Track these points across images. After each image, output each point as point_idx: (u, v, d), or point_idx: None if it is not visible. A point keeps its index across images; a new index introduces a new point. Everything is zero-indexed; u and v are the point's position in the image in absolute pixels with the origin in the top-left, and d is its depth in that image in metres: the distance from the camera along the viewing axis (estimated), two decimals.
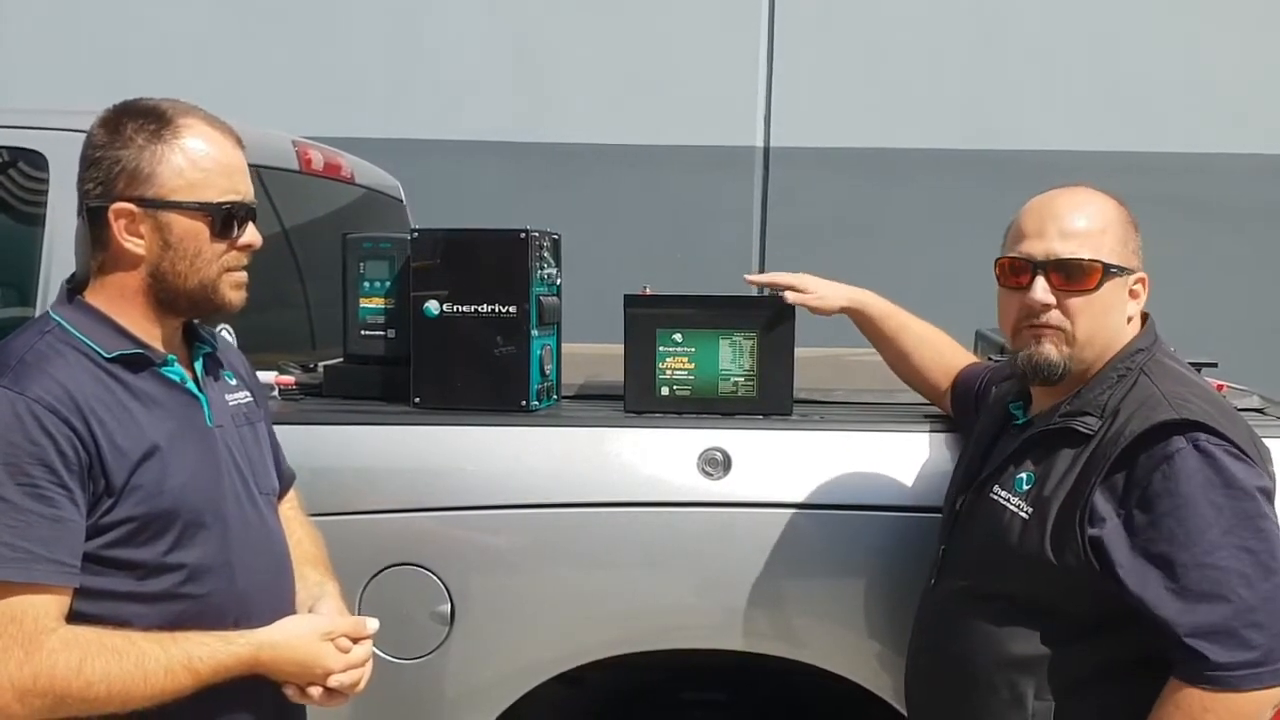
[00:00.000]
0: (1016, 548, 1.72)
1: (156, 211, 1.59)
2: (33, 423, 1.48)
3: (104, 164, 1.59)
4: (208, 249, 1.62)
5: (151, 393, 1.61)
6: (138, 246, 1.59)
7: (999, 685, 1.73)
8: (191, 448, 1.63)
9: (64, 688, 1.47)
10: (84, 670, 1.48)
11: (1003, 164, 5.55)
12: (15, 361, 1.51)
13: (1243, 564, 1.58)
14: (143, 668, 1.50)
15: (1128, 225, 1.77)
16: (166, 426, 1.60)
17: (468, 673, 2.16)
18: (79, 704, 1.49)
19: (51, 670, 1.47)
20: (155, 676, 1.51)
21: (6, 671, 1.45)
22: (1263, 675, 1.57)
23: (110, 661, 1.49)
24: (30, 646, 1.46)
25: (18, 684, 1.46)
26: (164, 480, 1.57)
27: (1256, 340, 5.42)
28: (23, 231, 2.31)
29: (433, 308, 2.31)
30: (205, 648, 1.55)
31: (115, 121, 1.61)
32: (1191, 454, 1.60)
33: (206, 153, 1.61)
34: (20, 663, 1.46)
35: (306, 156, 2.77)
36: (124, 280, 1.62)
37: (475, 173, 5.91)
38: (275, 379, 2.42)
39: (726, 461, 2.15)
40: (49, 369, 1.52)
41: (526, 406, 2.29)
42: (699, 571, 2.15)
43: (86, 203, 1.61)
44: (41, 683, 1.46)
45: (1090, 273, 1.72)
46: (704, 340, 2.30)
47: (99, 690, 1.48)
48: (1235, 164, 5.82)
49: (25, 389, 1.49)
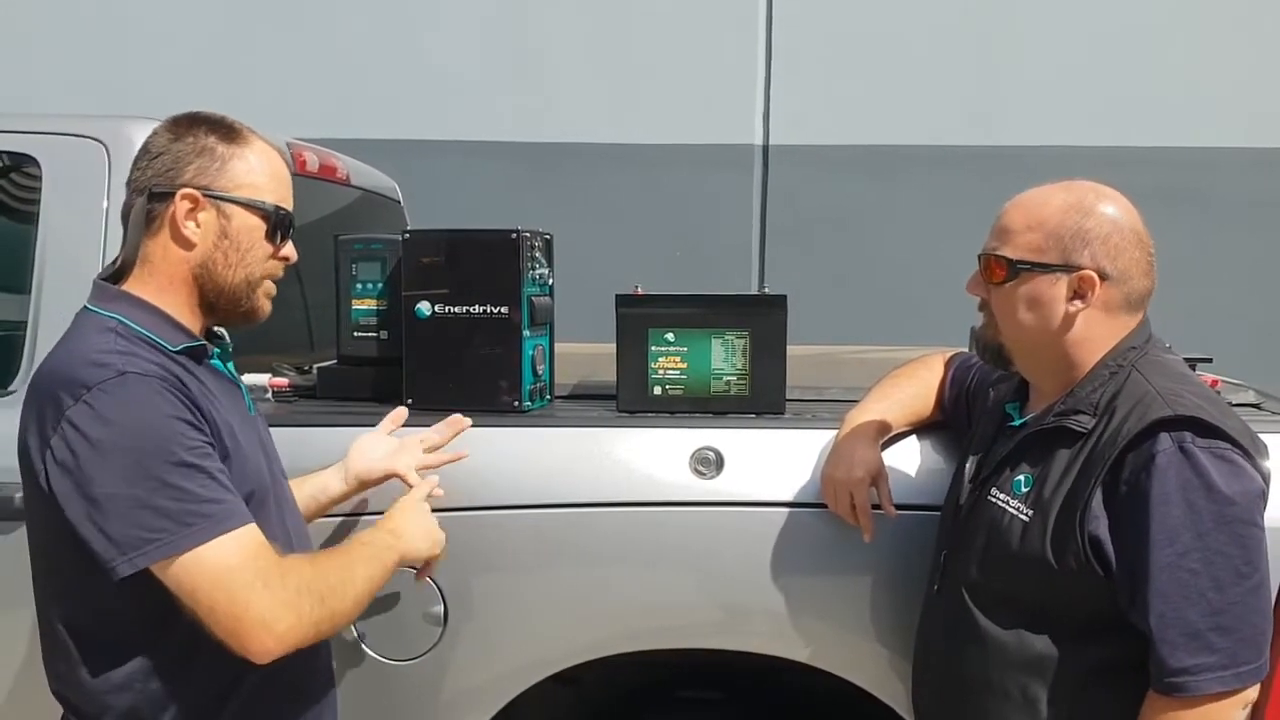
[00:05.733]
0: (1018, 551, 1.71)
1: (221, 203, 1.67)
2: (175, 397, 1.55)
3: (173, 153, 1.67)
4: (259, 248, 1.71)
5: (212, 382, 1.69)
6: (194, 233, 1.66)
7: (1010, 689, 1.73)
8: (249, 433, 1.73)
9: (320, 589, 1.59)
10: (328, 573, 1.63)
11: (1003, 160, 5.53)
12: (114, 355, 1.56)
13: (1214, 568, 1.57)
14: (374, 559, 1.72)
15: (1078, 224, 1.72)
16: (231, 412, 1.69)
17: (462, 673, 2.16)
18: (337, 601, 1.61)
19: (304, 579, 1.58)
20: (377, 570, 1.72)
21: (277, 597, 1.54)
22: (1226, 679, 1.58)
23: (343, 561, 1.68)
24: (281, 570, 1.57)
25: (291, 604, 1.55)
26: (245, 462, 1.66)
27: (1253, 335, 5.40)
28: (15, 235, 2.31)
29: (425, 309, 2.31)
30: (381, 545, 1.77)
31: (187, 122, 1.71)
32: (1175, 455, 1.59)
33: (270, 163, 1.73)
34: (282, 584, 1.55)
35: (301, 159, 2.77)
36: (172, 269, 1.68)
37: (473, 173, 5.91)
38: (269, 381, 2.43)
39: (719, 460, 2.15)
40: (144, 355, 1.58)
41: (519, 407, 2.30)
42: (692, 571, 2.15)
43: (151, 187, 1.66)
44: (304, 591, 1.57)
45: (994, 267, 1.77)
46: (696, 339, 2.30)
47: (355, 588, 1.65)
48: (1234, 158, 5.80)
49: (147, 370, 1.55)
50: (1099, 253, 1.72)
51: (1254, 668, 1.60)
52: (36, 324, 2.22)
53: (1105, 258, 1.73)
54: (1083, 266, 1.72)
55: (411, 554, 1.85)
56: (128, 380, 1.52)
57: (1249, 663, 1.59)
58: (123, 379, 1.52)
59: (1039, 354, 1.79)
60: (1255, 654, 1.60)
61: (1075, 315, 1.74)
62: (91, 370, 1.53)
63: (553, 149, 6.00)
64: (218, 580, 1.51)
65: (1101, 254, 1.72)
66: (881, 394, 2.16)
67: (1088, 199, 1.75)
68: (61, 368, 1.57)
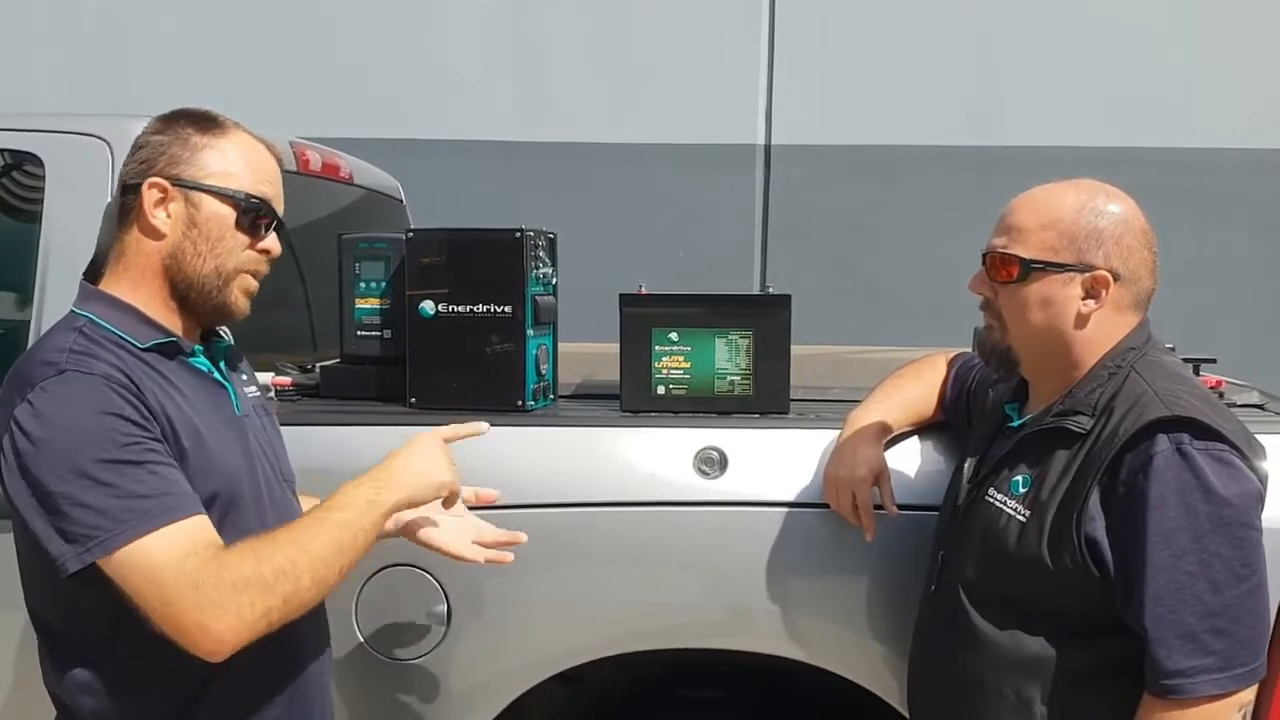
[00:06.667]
0: (1015, 551, 1.71)
1: (189, 191, 1.65)
2: (114, 394, 1.52)
3: (150, 147, 1.67)
4: (230, 238, 1.67)
5: (185, 380, 1.65)
6: (163, 223, 1.64)
7: (1005, 690, 1.72)
8: (227, 433, 1.68)
9: (264, 576, 1.48)
10: (273, 556, 1.50)
11: (1004, 160, 5.54)
12: (65, 354, 1.54)
13: (1211, 570, 1.57)
14: (340, 524, 1.57)
15: (1092, 224, 1.72)
16: (204, 412, 1.64)
17: (466, 672, 2.17)
18: (288, 583, 1.50)
19: (243, 572, 1.48)
20: (348, 536, 1.57)
21: (209, 597, 1.45)
22: (1221, 681, 1.57)
23: (295, 536, 1.54)
24: (216, 567, 1.47)
25: (227, 603, 1.46)
26: (212, 461, 1.61)
27: (1256, 336, 5.40)
28: (19, 234, 2.31)
29: (428, 308, 2.31)
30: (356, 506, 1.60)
31: (172, 117, 1.70)
32: (1173, 456, 1.59)
33: (246, 152, 1.69)
34: (215, 584, 1.46)
35: (304, 157, 2.76)
36: (144, 261, 1.66)
37: (476, 172, 5.91)
38: (271, 380, 2.42)
39: (723, 460, 2.15)
40: (99, 355, 1.56)
41: (522, 406, 2.29)
42: (696, 571, 2.15)
43: (123, 180, 1.66)
44: (243, 586, 1.47)
45: (1006, 266, 1.75)
46: (700, 339, 2.30)
47: (313, 564, 1.52)
48: (1236, 159, 5.80)
49: (92, 369, 1.53)
50: (1112, 253, 1.72)
51: (1250, 670, 1.59)
52: (39, 322, 2.22)
53: (1118, 258, 1.73)
54: (1097, 266, 1.72)
55: (406, 500, 1.66)
56: (66, 378, 1.51)
57: (1245, 665, 1.59)
58: (62, 377, 1.51)
59: (1046, 354, 1.78)
60: (1251, 656, 1.60)
61: (1088, 316, 1.74)
62: (39, 369, 1.53)
63: (553, 148, 6.01)
64: (151, 579, 1.47)
65: (1114, 254, 1.72)
66: (884, 394, 2.17)
67: (1099, 199, 1.75)
68: (20, 368, 1.57)
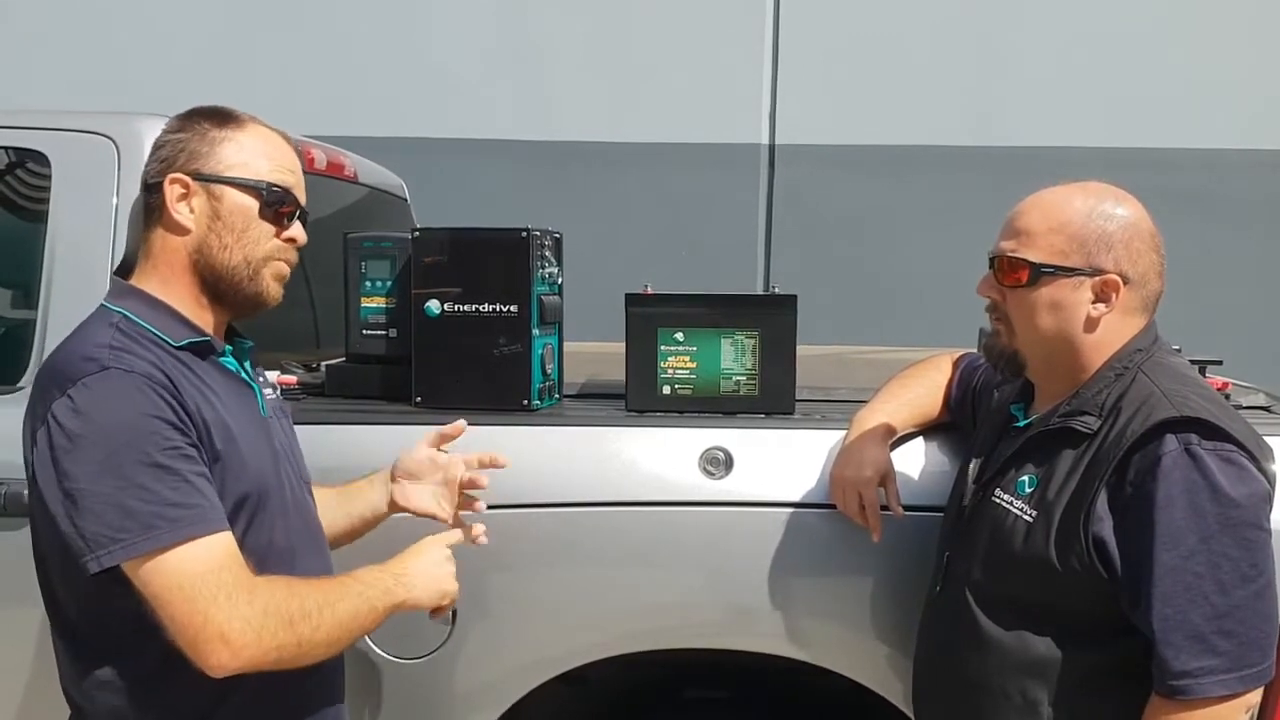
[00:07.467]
0: (1021, 551, 1.71)
1: (210, 185, 1.66)
2: (156, 395, 1.52)
3: (169, 145, 1.68)
4: (255, 227, 1.68)
5: (217, 380, 1.66)
6: (186, 218, 1.65)
7: (1011, 691, 1.72)
8: (255, 434, 1.69)
9: (291, 612, 1.52)
10: (304, 598, 1.54)
11: (1009, 160, 5.54)
12: (105, 350, 1.54)
13: (1219, 571, 1.57)
14: (362, 597, 1.62)
15: (1101, 228, 1.72)
16: (235, 412, 1.65)
17: (470, 672, 2.16)
18: (308, 628, 1.54)
19: (275, 600, 1.52)
20: (365, 611, 1.62)
21: (239, 612, 1.48)
22: (1229, 682, 1.57)
23: (326, 590, 1.59)
24: (249, 585, 1.51)
25: (253, 621, 1.49)
26: (244, 462, 1.62)
27: (1254, 336, 5.40)
28: (25, 232, 2.31)
29: (434, 307, 2.31)
30: (378, 588, 1.67)
31: (188, 115, 1.71)
32: (1181, 457, 1.59)
33: (263, 143, 1.71)
34: (248, 600, 1.50)
35: (310, 156, 2.76)
36: (171, 258, 1.67)
37: (479, 171, 5.91)
38: (277, 378, 2.42)
39: (728, 461, 2.15)
40: (138, 353, 1.56)
41: (528, 406, 2.29)
42: (701, 571, 2.14)
43: (146, 179, 1.67)
44: (272, 612, 1.51)
45: (1015, 270, 1.75)
46: (706, 339, 2.30)
47: (333, 622, 1.56)
48: (1242, 159, 5.80)
49: (133, 367, 1.53)
50: (1121, 256, 1.72)
51: (1257, 671, 1.59)
52: (46, 320, 2.22)
53: (1127, 261, 1.72)
54: (1107, 270, 1.72)
55: (412, 604, 1.73)
56: (110, 375, 1.51)
57: (1253, 666, 1.59)
58: (105, 374, 1.51)
59: (1054, 357, 1.78)
60: (1260, 657, 1.59)
61: (1098, 319, 1.73)
62: (80, 364, 1.53)
63: (556, 147, 6.00)
64: (178, 587, 1.47)
65: (1124, 258, 1.72)
66: (890, 395, 2.16)
67: (1107, 202, 1.74)
68: (57, 362, 1.57)
